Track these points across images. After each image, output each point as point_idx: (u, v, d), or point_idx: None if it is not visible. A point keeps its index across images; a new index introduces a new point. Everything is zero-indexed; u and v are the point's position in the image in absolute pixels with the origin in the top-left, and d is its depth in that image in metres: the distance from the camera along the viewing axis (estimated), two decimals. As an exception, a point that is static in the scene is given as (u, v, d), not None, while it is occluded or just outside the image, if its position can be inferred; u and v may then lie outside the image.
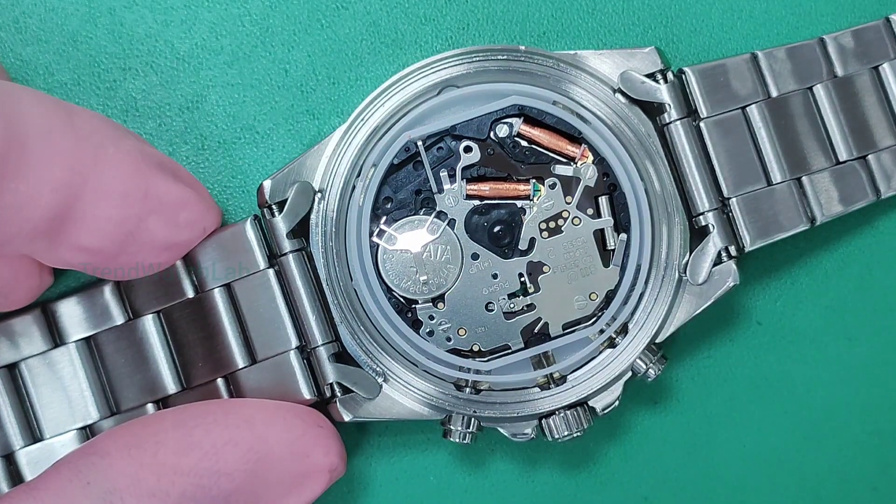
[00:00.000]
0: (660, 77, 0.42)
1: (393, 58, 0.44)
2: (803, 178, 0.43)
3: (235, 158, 0.44)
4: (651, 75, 0.42)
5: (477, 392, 0.41)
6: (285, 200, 0.41)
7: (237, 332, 0.41)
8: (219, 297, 0.41)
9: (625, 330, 0.42)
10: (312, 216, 0.41)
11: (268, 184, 0.41)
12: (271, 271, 0.41)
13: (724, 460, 0.45)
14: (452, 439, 0.41)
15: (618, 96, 0.42)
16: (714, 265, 0.42)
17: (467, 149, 0.41)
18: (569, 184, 0.42)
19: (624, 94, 0.42)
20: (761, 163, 0.42)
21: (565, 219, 0.42)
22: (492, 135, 0.41)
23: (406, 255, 0.41)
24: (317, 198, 0.41)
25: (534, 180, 0.42)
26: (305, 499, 0.40)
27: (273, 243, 0.41)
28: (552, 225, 0.42)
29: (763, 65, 0.43)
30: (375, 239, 0.41)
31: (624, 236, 0.42)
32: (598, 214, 0.42)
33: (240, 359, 0.41)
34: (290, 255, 0.41)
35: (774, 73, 0.43)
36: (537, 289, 0.42)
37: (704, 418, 0.45)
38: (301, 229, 0.41)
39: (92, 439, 0.39)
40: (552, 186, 0.42)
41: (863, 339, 0.46)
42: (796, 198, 0.42)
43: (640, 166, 0.41)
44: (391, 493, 0.45)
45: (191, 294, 0.41)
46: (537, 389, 0.41)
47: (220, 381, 0.41)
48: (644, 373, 0.41)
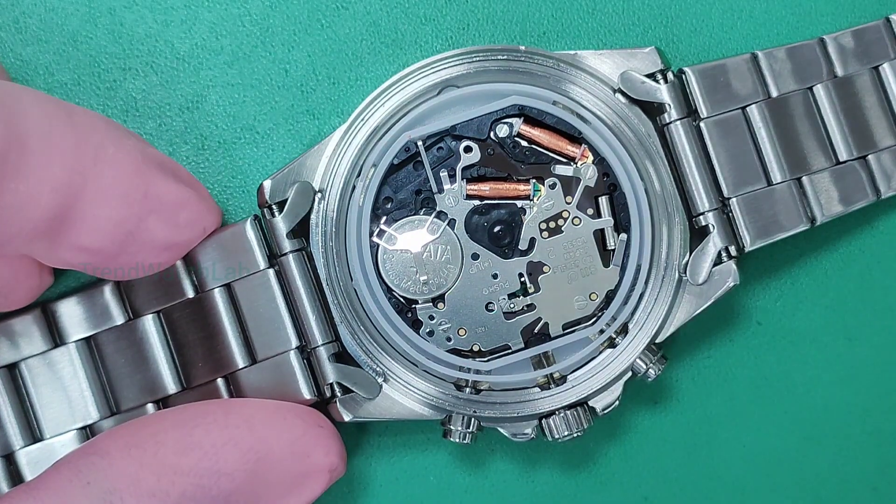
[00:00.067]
0: (660, 77, 0.42)
1: (393, 58, 0.44)
2: (803, 178, 0.43)
3: (235, 158, 0.44)
4: (651, 75, 0.42)
5: (477, 392, 0.41)
6: (285, 200, 0.41)
7: (237, 332, 0.41)
8: (219, 297, 0.41)
9: (625, 330, 0.42)
10: (312, 216, 0.41)
11: (268, 184, 0.41)
12: (271, 271, 0.41)
13: (724, 460, 0.45)
14: (452, 439, 0.41)
15: (618, 96, 0.42)
16: (714, 265, 0.42)
17: (467, 149, 0.41)
18: (569, 184, 0.42)
19: (624, 94, 0.42)
20: (761, 163, 0.42)
21: (565, 219, 0.42)
22: (492, 135, 0.41)
23: (406, 255, 0.41)
24: (317, 198, 0.41)
25: (534, 180, 0.42)
26: (305, 499, 0.40)
27: (273, 243, 0.41)
28: (552, 225, 0.42)
29: (763, 65, 0.43)
30: (375, 239, 0.41)
31: (624, 236, 0.42)
32: (598, 214, 0.42)
33: (240, 359, 0.41)
34: (290, 255, 0.41)
35: (774, 73, 0.43)
36: (537, 289, 0.42)
37: (704, 418, 0.45)
38: (301, 229, 0.41)
39: (92, 439, 0.39)
40: (552, 186, 0.42)
41: (863, 339, 0.46)
42: (796, 198, 0.42)
43: (640, 166, 0.41)
44: (391, 493, 0.45)
45: (191, 294, 0.41)
46: (537, 389, 0.41)
47: (220, 381, 0.41)
48: (644, 373, 0.41)
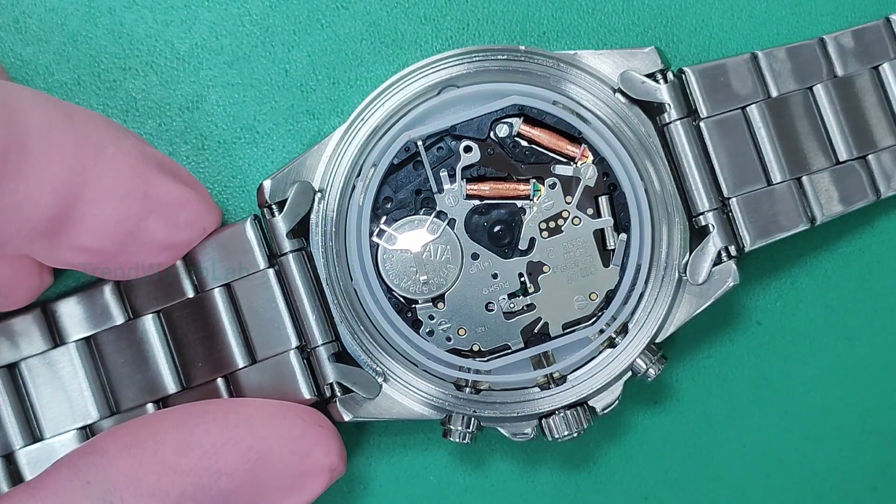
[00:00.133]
0: (660, 77, 0.42)
1: (393, 58, 0.44)
2: (803, 178, 0.43)
3: (235, 158, 0.44)
4: (651, 75, 0.42)
5: (477, 392, 0.41)
6: (285, 200, 0.41)
7: (237, 332, 0.41)
8: (219, 297, 0.41)
9: (625, 330, 0.42)
10: (312, 216, 0.41)
11: (268, 184, 0.41)
12: (271, 271, 0.41)
13: (724, 460, 0.45)
14: (452, 439, 0.41)
15: (618, 96, 0.42)
16: (714, 265, 0.42)
17: (467, 149, 0.41)
18: (569, 184, 0.42)
19: (624, 94, 0.42)
20: (761, 163, 0.42)
21: (565, 219, 0.42)
22: (492, 135, 0.41)
23: (406, 255, 0.41)
24: (317, 197, 0.41)
25: (534, 180, 0.42)
26: (305, 498, 0.40)
27: (273, 243, 0.41)
28: (552, 225, 0.42)
29: (763, 65, 0.43)
30: (375, 239, 0.41)
31: (624, 236, 0.42)
32: (598, 214, 0.42)
33: (240, 358, 0.41)
34: (290, 255, 0.41)
35: (774, 73, 0.43)
36: (537, 289, 0.42)
37: (704, 418, 0.45)
38: (301, 229, 0.41)
39: (92, 439, 0.39)
40: (552, 186, 0.42)
41: (863, 339, 0.46)
42: (796, 198, 0.42)
43: (640, 166, 0.41)
44: (391, 493, 0.45)
45: (191, 294, 0.41)
46: (537, 389, 0.41)
47: (220, 381, 0.41)
48: (644, 373, 0.41)
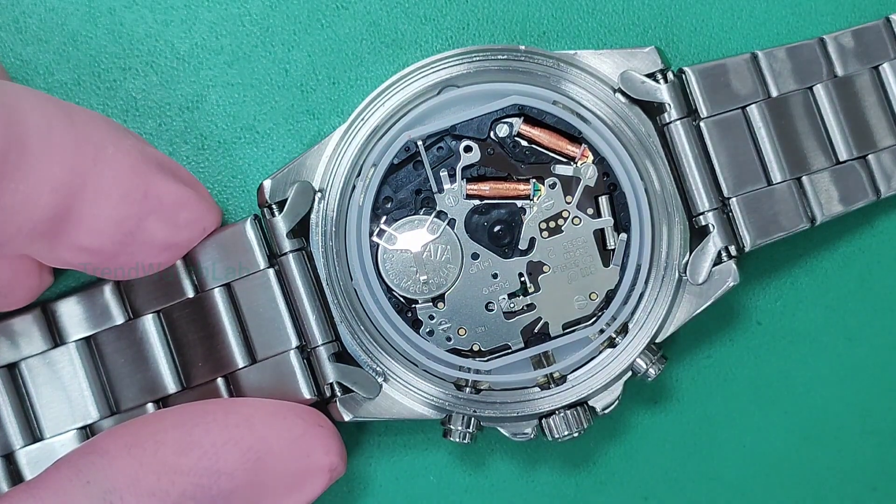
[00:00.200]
0: (660, 77, 0.42)
1: (393, 58, 0.44)
2: (803, 177, 0.43)
3: (235, 158, 0.44)
4: (651, 75, 0.42)
5: (477, 392, 0.41)
6: (285, 200, 0.41)
7: (237, 332, 0.41)
8: (219, 297, 0.41)
9: (625, 330, 0.42)
10: (312, 216, 0.41)
11: (268, 183, 0.41)
12: (271, 271, 0.41)
13: (724, 460, 0.45)
14: (452, 439, 0.41)
15: (618, 96, 0.42)
16: (714, 265, 0.42)
17: (467, 148, 0.41)
18: (569, 183, 0.42)
19: (624, 94, 0.42)
20: (761, 163, 0.42)
21: (565, 218, 0.42)
22: (492, 134, 0.41)
23: (406, 255, 0.41)
24: (317, 197, 0.41)
25: (534, 180, 0.42)
26: (305, 498, 0.40)
27: (273, 243, 0.41)
28: (552, 225, 0.42)
29: (763, 65, 0.43)
30: (375, 239, 0.41)
31: (624, 236, 0.42)
32: (598, 214, 0.42)
33: (240, 358, 0.41)
34: (290, 255, 0.41)
35: (774, 72, 0.43)
36: (537, 288, 0.42)
37: (704, 418, 0.45)
38: (301, 229, 0.41)
39: (92, 438, 0.39)
40: (552, 186, 0.42)
41: (863, 339, 0.46)
42: (796, 198, 0.42)
43: (640, 166, 0.41)
44: (391, 493, 0.45)
45: (191, 294, 0.41)
46: (537, 389, 0.41)
47: (220, 381, 0.41)
48: (644, 373, 0.41)
